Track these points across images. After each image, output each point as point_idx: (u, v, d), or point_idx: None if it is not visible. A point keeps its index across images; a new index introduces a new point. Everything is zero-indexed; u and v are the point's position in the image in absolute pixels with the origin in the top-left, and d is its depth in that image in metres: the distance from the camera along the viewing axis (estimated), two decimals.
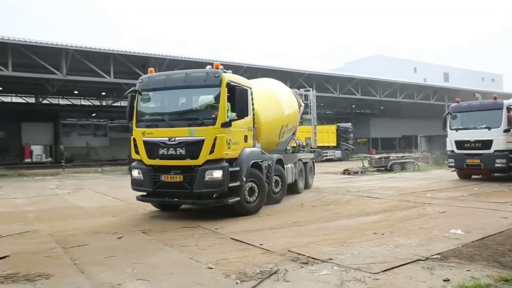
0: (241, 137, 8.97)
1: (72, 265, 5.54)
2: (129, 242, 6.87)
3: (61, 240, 6.97)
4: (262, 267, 5.22)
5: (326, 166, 27.20)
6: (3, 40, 21.76)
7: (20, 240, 7.14)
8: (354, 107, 54.78)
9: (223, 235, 7.25)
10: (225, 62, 24.96)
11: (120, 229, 7.73)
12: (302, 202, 11.32)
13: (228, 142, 8.39)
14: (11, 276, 5.04)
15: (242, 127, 9.00)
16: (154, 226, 8.01)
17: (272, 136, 11.39)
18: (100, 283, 4.79)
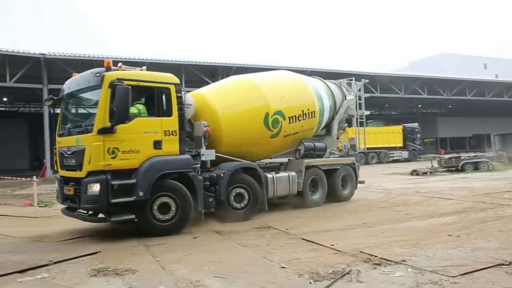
0: (145, 143, 7.49)
1: (154, 261, 5.94)
2: (204, 242, 7.21)
3: (143, 238, 7.47)
4: (334, 268, 5.29)
5: (393, 167, 26.42)
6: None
7: (108, 237, 7.74)
8: (420, 106, 52.63)
9: (294, 235, 7.38)
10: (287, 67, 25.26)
11: (195, 229, 8.11)
12: (369, 203, 11.17)
13: (111, 151, 7.11)
14: (103, 270, 5.53)
15: (148, 131, 7.55)
16: (226, 227, 8.31)
17: (250, 132, 9.47)
18: (180, 279, 5.10)
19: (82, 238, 7.74)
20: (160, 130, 7.68)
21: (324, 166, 11.08)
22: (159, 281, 5.04)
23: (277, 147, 10.39)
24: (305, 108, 10.53)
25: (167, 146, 7.73)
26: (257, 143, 9.72)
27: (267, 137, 9.74)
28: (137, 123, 7.44)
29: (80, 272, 5.51)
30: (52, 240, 7.54)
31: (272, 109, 9.66)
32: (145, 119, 7.66)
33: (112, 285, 4.99)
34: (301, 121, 10.41)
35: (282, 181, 9.93)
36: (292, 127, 10.22)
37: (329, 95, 11.87)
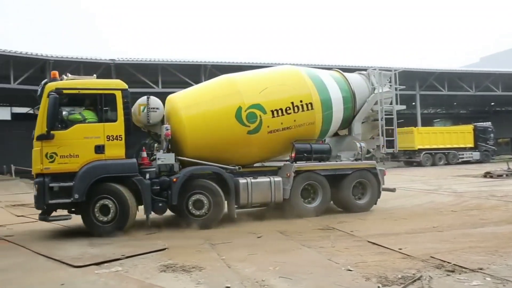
0: (85, 148, 7.79)
1: (220, 260, 6.05)
2: (268, 241, 7.24)
3: (207, 237, 7.65)
4: (404, 272, 5.08)
5: (463, 169, 24.94)
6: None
7: (175, 234, 8.03)
8: (494, 104, 49.31)
9: (359, 237, 7.21)
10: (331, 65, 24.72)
11: (259, 229, 8.17)
12: (439, 207, 10.63)
13: (49, 155, 7.56)
14: (171, 266, 5.73)
15: (88, 136, 7.83)
16: (290, 227, 8.30)
17: (221, 132, 8.95)
18: (245, 278, 5.14)
19: (150, 235, 8.06)
20: (102, 135, 7.96)
21: (325, 171, 9.66)
22: (225, 279, 5.11)
23: (265, 146, 9.45)
24: (296, 100, 9.41)
25: (111, 150, 7.97)
26: (234, 143, 9.05)
27: (243, 134, 9.01)
28: (76, 129, 7.85)
29: (150, 267, 5.74)
30: (123, 235, 7.92)
31: (246, 103, 9.00)
32: (85, 125, 7.99)
33: (180, 281, 5.14)
34: (292, 115, 9.35)
35: (260, 187, 9.02)
36: (279, 121, 9.26)
37: (343, 86, 10.45)
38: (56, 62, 25.09)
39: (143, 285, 5.00)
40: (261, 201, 9.29)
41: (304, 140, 9.68)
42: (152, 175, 8.40)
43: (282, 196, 9.16)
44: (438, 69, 32.77)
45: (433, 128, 36.95)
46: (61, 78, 8.24)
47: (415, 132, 30.04)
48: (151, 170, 8.46)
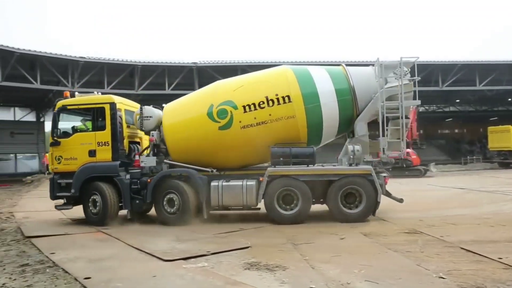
0: (82, 152, 9.61)
1: (303, 260, 6.00)
2: (352, 243, 7.05)
3: (290, 236, 7.64)
4: (507, 285, 4.67)
5: None
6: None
7: (256, 233, 8.14)
8: None
9: (451, 243, 6.74)
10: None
11: (341, 230, 8.01)
12: None
13: (57, 158, 9.74)
14: (255, 264, 5.80)
15: (84, 143, 9.65)
16: (374, 229, 8.04)
17: (197, 132, 9.32)
18: (330, 280, 5.04)
19: (232, 233, 8.22)
20: (94, 142, 9.65)
21: (304, 176, 9.05)
22: (309, 279, 5.06)
23: (242, 144, 9.25)
24: (271, 94, 9.09)
25: (100, 154, 9.59)
26: (208, 140, 9.26)
27: (215, 130, 9.14)
28: (75, 137, 9.82)
29: (235, 264, 5.85)
30: (207, 232, 8.19)
31: (217, 101, 9.21)
32: (82, 133, 9.92)
33: (265, 279, 5.17)
34: (266, 109, 9.04)
35: (231, 190, 9.06)
36: (252, 116, 9.05)
37: (339, 79, 9.51)
38: (143, 67, 26.80)
39: (229, 281, 5.11)
40: (233, 204, 9.28)
41: (289, 143, 9.15)
42: (135, 175, 9.62)
43: (256, 201, 9.03)
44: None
45: None
46: (73, 95, 10.23)
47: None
48: (134, 171, 9.71)
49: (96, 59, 26.01)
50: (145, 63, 26.63)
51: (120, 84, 25.71)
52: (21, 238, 8.32)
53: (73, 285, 5.15)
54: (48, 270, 5.82)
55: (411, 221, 8.81)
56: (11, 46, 22.83)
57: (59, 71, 25.34)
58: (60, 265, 5.98)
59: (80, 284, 5.13)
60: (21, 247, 7.44)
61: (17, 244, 7.72)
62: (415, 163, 23.29)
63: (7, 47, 22.66)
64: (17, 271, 5.81)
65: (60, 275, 5.57)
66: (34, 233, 8.47)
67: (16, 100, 34.00)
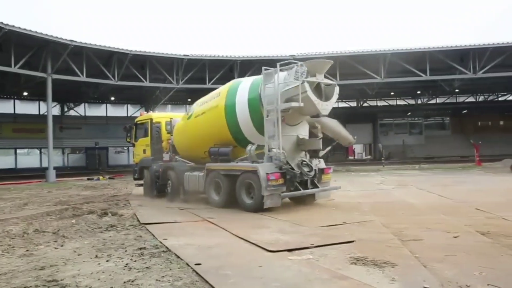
0: (140, 151, 15.71)
1: (413, 257, 5.66)
2: (467, 243, 6.48)
3: (396, 232, 7.28)
4: None
5: None
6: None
7: (360, 228, 7.88)
8: None
9: None
10: None
11: (453, 228, 7.44)
12: None
13: (134, 154, 16.91)
14: (361, 259, 5.60)
15: (142, 144, 15.57)
16: (492, 228, 7.30)
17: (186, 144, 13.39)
18: (446, 280, 4.69)
19: (336, 226, 8.08)
20: (145, 144, 15.33)
21: (223, 171, 11.10)
22: (423, 279, 4.75)
23: (195, 133, 12.51)
24: (212, 105, 11.73)
25: (147, 152, 15.16)
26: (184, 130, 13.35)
27: (185, 121, 13.27)
28: (139, 142, 15.86)
29: (340, 258, 5.72)
30: (310, 225, 8.14)
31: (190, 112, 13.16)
32: (141, 139, 15.70)
33: (373, 275, 4.97)
34: (206, 113, 11.95)
35: (192, 179, 12.21)
36: (201, 110, 12.30)
37: (254, 87, 10.82)
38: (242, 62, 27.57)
39: (336, 275, 4.99)
40: (194, 189, 12.24)
41: (222, 144, 11.47)
42: (157, 167, 14.10)
43: (203, 188, 11.64)
44: None
45: None
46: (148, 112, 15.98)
47: None
48: (158, 164, 14.14)
49: (199, 56, 27.36)
50: (243, 58, 27.40)
51: (221, 79, 26.75)
52: (137, 224, 9.05)
53: (185, 269, 5.43)
54: (162, 254, 6.23)
55: None
56: (125, 49, 24.98)
57: (165, 69, 27.14)
58: (173, 251, 6.36)
59: (192, 270, 5.39)
60: (138, 232, 8.08)
61: (134, 229, 8.40)
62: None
63: (122, 50, 24.85)
64: (136, 253, 6.31)
65: (173, 259, 5.92)
66: (148, 220, 9.16)
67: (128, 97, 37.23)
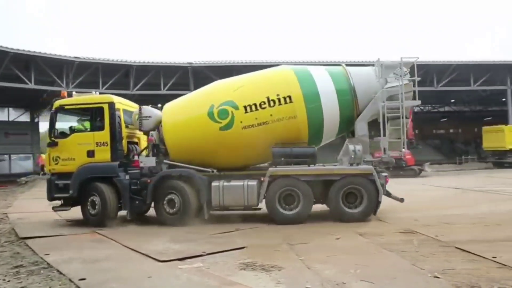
0: (80, 153, 9.44)
1: (299, 260, 6.01)
2: (348, 243, 7.06)
3: (286, 237, 7.63)
4: (501, 284, 4.68)
5: None
6: None
7: (253, 233, 8.13)
8: None
9: (446, 243, 6.77)
10: None
11: (337, 230, 8.01)
12: None
13: (55, 159, 9.54)
14: (251, 264, 5.80)
15: (81, 143, 9.48)
16: (369, 229, 8.05)
17: (196, 132, 9.29)
18: (326, 280, 5.05)
19: (228, 233, 8.19)
20: (92, 142, 9.48)
21: (305, 176, 9.04)
22: (305, 280, 5.06)
23: (243, 144, 9.21)
24: (272, 94, 9.09)
25: (99, 155, 9.42)
26: (208, 141, 9.18)
27: (216, 131, 9.10)
28: (73, 138, 9.62)
29: (231, 265, 5.85)
30: (203, 233, 8.16)
31: (217, 101, 9.17)
32: (80, 134, 9.76)
33: (260, 279, 5.17)
34: (267, 109, 9.06)
35: (232, 190, 8.98)
36: (253, 116, 9.04)
37: (340, 78, 9.55)
38: (138, 67, 26.72)
39: (224, 281, 5.10)
40: (234, 204, 9.21)
41: (290, 143, 9.14)
42: (134, 176, 9.45)
43: (257, 201, 8.99)
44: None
45: None
46: (71, 95, 10.03)
47: (506, 130, 27.67)
48: (133, 172, 9.55)
49: (91, 59, 25.90)
50: (140, 63, 26.56)
51: (115, 85, 25.61)
52: (15, 239, 8.27)
53: (68, 286, 5.12)
54: (42, 271, 5.79)
55: (407, 221, 8.83)
56: (5, 46, 22.69)
57: (54, 71, 25.22)
58: (55, 266, 5.95)
59: (75, 285, 5.11)
60: (15, 249, 7.40)
61: (11, 246, 7.68)
62: (410, 163, 23.35)
63: (1, 47, 22.52)
64: (11, 272, 5.78)
65: (54, 276, 5.54)
66: (29, 234, 8.42)
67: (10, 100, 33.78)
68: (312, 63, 23.42)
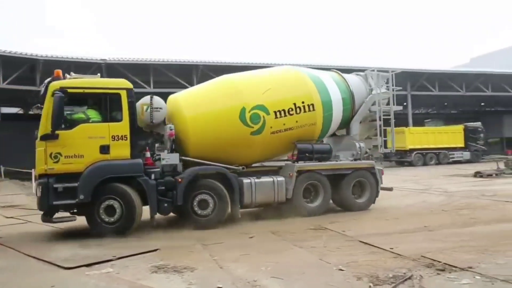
0: (90, 148, 7.70)
1: (212, 260, 6.04)
2: (261, 242, 7.24)
3: (200, 238, 7.63)
4: (395, 272, 5.10)
5: (454, 169, 25.16)
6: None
7: (167, 235, 8.00)
8: (484, 104, 49.80)
9: (351, 237, 7.24)
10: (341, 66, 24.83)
11: (251, 230, 8.17)
12: (430, 206, 10.75)
13: (54, 156, 7.44)
14: (163, 267, 5.70)
15: (93, 137, 7.75)
16: (282, 227, 8.31)
17: (225, 133, 8.93)
18: (237, 278, 5.14)
19: (142, 236, 7.99)
20: (107, 135, 7.84)
21: (326, 171, 9.78)
22: (217, 279, 5.10)
23: (267, 147, 9.46)
24: (298, 101, 9.49)
25: (116, 150, 7.86)
26: (236, 143, 9.03)
27: (247, 135, 9.04)
28: (81, 129, 7.71)
29: (142, 268, 5.71)
30: (115, 236, 7.83)
31: (249, 104, 9.02)
32: (90, 125, 7.88)
33: (172, 282, 5.12)
34: (294, 116, 9.45)
35: (264, 187, 9.05)
36: (282, 122, 9.32)
37: (342, 87, 10.57)
38: (46, 61, 24.82)
39: (134, 286, 4.97)
40: (265, 201, 9.23)
41: (304, 140, 9.79)
42: (157, 175, 8.30)
43: (285, 196, 9.20)
44: (429, 69, 33.11)
45: (424, 128, 37.15)
46: (64, 77, 8.13)
47: (407, 132, 30.30)
48: (156, 171, 8.34)
49: None
50: (47, 57, 24.68)
51: (19, 80, 23.63)
52: None
53: None
54: None
55: (318, 217, 9.25)
56: None
57: None
58: None
59: None
60: None
61: None
62: None
63: None
64: None
65: None
66: None
67: None
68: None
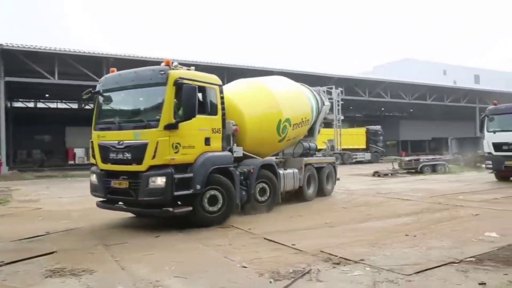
0: (199, 140, 8.03)
1: (114, 261, 5.82)
2: (166, 241, 7.12)
3: (102, 237, 7.30)
4: (295, 267, 5.33)
5: (356, 168, 26.99)
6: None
7: (65, 237, 7.52)
8: (384, 109, 54.12)
9: (256, 235, 7.41)
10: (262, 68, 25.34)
11: (156, 228, 8.03)
12: (332, 204, 11.40)
13: (175, 146, 7.57)
14: (59, 271, 5.35)
15: (202, 128, 8.09)
16: (190, 225, 8.24)
17: (265, 135, 10.21)
18: (139, 279, 5.01)
19: (38, 237, 7.45)
20: (209, 127, 8.26)
21: (317, 164, 12.35)
22: (118, 281, 4.94)
23: (278, 149, 11.64)
24: (304, 117, 11.72)
25: (214, 143, 8.31)
26: (267, 144, 10.58)
27: (275, 141, 10.73)
28: (196, 121, 7.80)
29: (34, 273, 5.31)
30: (5, 240, 7.23)
31: (283, 117, 10.56)
32: (200, 117, 7.96)
33: (68, 286, 4.84)
34: (299, 128, 11.55)
35: (289, 177, 10.90)
36: (294, 133, 11.34)
37: (315, 101, 12.81)
38: None
39: None
40: (289, 189, 10.99)
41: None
42: (247, 168, 9.37)
43: (299, 185, 11.27)
44: (336, 74, 35.03)
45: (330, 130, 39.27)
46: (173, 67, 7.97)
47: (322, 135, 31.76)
48: (244, 164, 9.49)
49: None
50: None
51: None
52: None
53: None
54: None
55: None
56: None
57: None
58: None
59: None
60: None
61: None
62: None
63: None
64: None
65: None
66: None
67: None
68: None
